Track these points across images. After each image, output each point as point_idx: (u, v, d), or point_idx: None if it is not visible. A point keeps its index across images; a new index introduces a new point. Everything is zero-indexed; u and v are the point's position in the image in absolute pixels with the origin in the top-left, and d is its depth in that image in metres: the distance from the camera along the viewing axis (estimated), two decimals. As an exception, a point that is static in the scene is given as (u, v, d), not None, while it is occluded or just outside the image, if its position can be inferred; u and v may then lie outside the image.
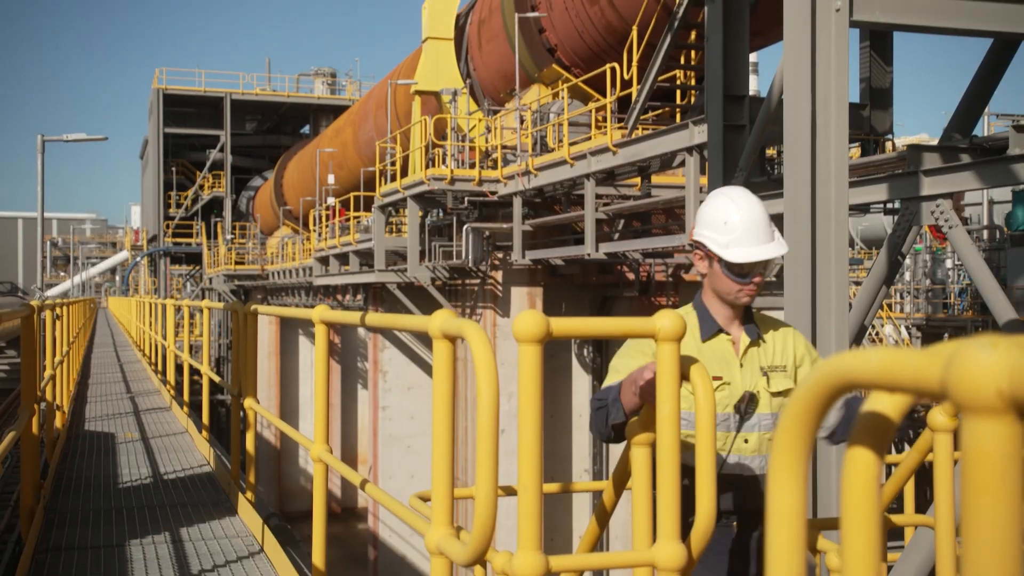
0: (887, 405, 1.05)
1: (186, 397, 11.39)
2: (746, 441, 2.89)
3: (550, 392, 18.13)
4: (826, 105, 5.27)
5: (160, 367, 15.39)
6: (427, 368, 21.12)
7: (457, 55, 22.37)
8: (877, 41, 8.84)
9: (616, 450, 18.09)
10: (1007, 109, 45.31)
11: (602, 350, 18.38)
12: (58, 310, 10.58)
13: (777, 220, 3.61)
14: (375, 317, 3.23)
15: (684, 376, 2.40)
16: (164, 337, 14.71)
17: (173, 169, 51.17)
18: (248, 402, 6.23)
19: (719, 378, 2.86)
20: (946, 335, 23.34)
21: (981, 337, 0.82)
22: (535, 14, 17.79)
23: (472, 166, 17.86)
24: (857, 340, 7.53)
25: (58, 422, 9.28)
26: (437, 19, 22.27)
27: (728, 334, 2.95)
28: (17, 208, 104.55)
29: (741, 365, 2.92)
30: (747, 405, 2.87)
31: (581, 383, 18.72)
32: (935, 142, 7.96)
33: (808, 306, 5.35)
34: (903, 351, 0.89)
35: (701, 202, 3.05)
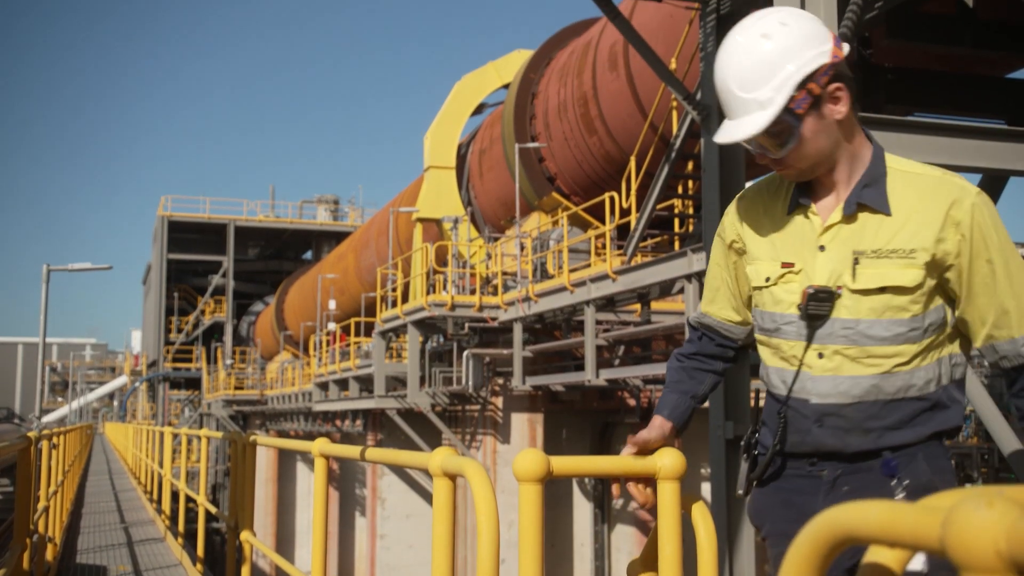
0: (888, 558, 1.04)
1: (181, 527, 11.19)
2: (820, 356, 2.10)
3: (551, 520, 17.82)
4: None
5: (156, 495, 15.16)
6: (426, 495, 20.82)
7: (458, 183, 22.83)
8: (869, 172, 9.00)
9: (619, 581, 17.67)
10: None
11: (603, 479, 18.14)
12: (55, 439, 10.48)
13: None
14: (375, 452, 3.22)
15: (687, 511, 2.38)
16: (161, 465, 14.53)
17: (175, 294, 51.58)
18: (245, 535, 6.13)
19: (790, 265, 2.14)
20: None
21: (978, 492, 0.83)
22: (535, 144, 18.23)
23: (473, 292, 18.00)
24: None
25: (49, 555, 9.08)
26: (439, 148, 22.80)
27: (810, 204, 2.14)
28: (17, 333, 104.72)
29: (821, 248, 2.11)
30: (810, 304, 2.08)
31: (582, 511, 18.41)
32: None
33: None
34: (901, 506, 0.89)
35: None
